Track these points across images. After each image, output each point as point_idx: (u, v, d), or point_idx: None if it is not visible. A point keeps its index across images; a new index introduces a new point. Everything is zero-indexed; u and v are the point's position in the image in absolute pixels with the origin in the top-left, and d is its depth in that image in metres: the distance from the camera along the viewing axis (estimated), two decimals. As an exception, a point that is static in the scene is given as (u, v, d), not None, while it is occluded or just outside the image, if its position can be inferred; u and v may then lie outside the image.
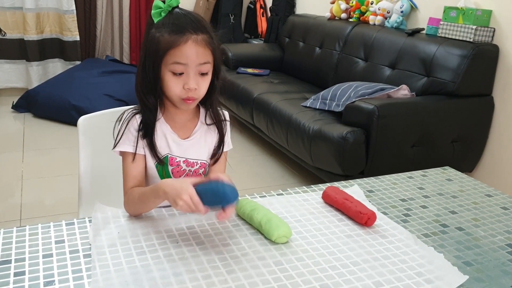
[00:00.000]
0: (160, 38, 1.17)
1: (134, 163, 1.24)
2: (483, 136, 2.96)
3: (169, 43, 1.16)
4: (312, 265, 1.02)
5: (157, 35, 1.17)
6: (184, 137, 1.30)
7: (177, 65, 1.17)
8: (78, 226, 1.13)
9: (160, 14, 1.19)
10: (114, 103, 3.94)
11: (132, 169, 1.24)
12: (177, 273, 0.97)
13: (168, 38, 1.16)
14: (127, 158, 1.25)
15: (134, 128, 1.24)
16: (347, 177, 2.59)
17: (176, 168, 1.29)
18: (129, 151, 1.24)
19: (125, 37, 5.13)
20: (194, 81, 1.18)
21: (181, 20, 1.18)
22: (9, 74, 4.74)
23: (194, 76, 1.18)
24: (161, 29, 1.17)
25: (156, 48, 1.17)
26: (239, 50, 4.45)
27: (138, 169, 1.25)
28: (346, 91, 2.97)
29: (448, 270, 1.03)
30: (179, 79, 1.18)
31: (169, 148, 1.28)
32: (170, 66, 1.17)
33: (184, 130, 1.30)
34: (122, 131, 1.25)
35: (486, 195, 1.43)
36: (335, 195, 1.28)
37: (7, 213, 2.63)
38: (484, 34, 2.86)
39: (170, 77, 1.19)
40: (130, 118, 1.25)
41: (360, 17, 3.80)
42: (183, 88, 1.18)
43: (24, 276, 0.94)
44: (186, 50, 1.16)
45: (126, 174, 1.25)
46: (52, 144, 3.69)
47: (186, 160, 1.30)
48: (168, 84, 1.19)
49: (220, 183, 1.06)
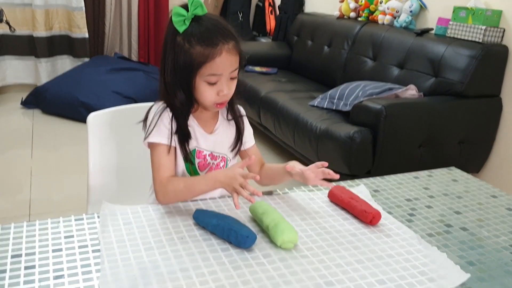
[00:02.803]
0: (192, 51, 1.19)
1: (167, 155, 1.26)
2: (490, 137, 2.96)
3: (204, 57, 1.18)
4: (316, 262, 1.04)
5: (187, 46, 1.19)
6: (209, 131, 1.34)
7: (213, 77, 1.21)
8: (87, 222, 1.15)
9: (184, 22, 1.19)
10: (123, 100, 3.96)
11: (166, 159, 1.26)
12: (184, 269, 0.98)
13: (202, 51, 1.18)
14: (159, 149, 1.26)
15: (167, 121, 1.27)
16: (354, 176, 2.59)
17: (202, 161, 1.33)
18: (163, 143, 1.26)
19: (133, 35, 5.16)
20: (227, 87, 1.23)
21: (211, 30, 1.20)
22: (18, 70, 4.78)
23: (226, 81, 1.23)
24: (190, 40, 1.19)
25: (189, 60, 1.19)
26: (247, 48, 4.42)
27: (172, 160, 1.28)
28: (354, 90, 2.98)
29: (451, 268, 1.04)
30: (213, 87, 1.23)
31: (197, 142, 1.32)
32: (206, 78, 1.21)
33: (208, 126, 1.35)
34: (155, 123, 1.26)
35: (491, 196, 1.44)
36: (341, 194, 1.29)
37: (16, 209, 2.66)
38: (494, 35, 2.85)
39: (204, 86, 1.22)
40: (162, 111, 1.27)
41: (369, 16, 3.80)
42: (217, 94, 1.23)
43: (34, 270, 0.95)
44: (221, 62, 1.19)
45: (159, 165, 1.26)
46: (61, 140, 3.72)
47: (211, 154, 1.34)
48: (203, 93, 1.23)
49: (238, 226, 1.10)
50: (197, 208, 1.19)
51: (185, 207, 1.24)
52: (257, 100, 3.54)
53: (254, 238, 1.07)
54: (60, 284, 0.92)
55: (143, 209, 1.22)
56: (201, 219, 1.14)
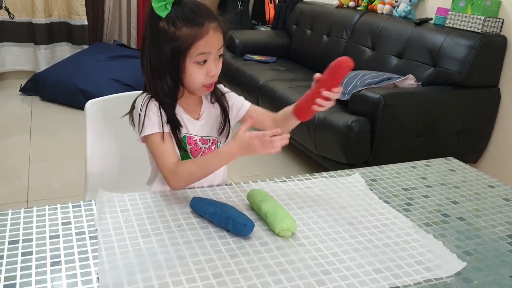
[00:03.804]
0: (179, 34, 1.19)
1: (165, 141, 1.26)
2: (488, 127, 2.96)
3: (192, 37, 1.19)
4: (313, 251, 1.04)
5: (172, 30, 1.19)
6: (196, 117, 1.34)
7: (201, 56, 1.21)
8: (85, 209, 1.15)
9: (165, 7, 1.19)
10: (121, 87, 3.96)
11: (167, 146, 1.26)
12: (181, 256, 0.98)
13: (189, 32, 1.19)
14: (155, 139, 1.26)
15: (154, 111, 1.26)
16: (352, 165, 2.60)
17: (194, 147, 1.34)
18: (158, 131, 1.25)
19: (132, 22, 5.14)
20: (215, 66, 1.24)
21: (195, 11, 1.20)
22: (17, 57, 4.76)
23: (214, 61, 1.24)
24: (175, 23, 1.19)
25: (177, 44, 1.19)
26: (246, 36, 4.44)
27: (172, 145, 1.28)
28: (352, 79, 2.97)
29: (447, 257, 1.05)
30: (203, 67, 1.23)
31: (186, 128, 1.32)
32: (195, 58, 1.21)
33: (194, 112, 1.35)
34: (144, 116, 1.26)
35: (488, 186, 1.44)
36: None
37: (14, 195, 2.67)
38: (493, 25, 2.84)
39: (194, 67, 1.23)
40: (148, 102, 1.27)
41: (368, 6, 3.79)
42: (206, 75, 1.23)
43: (31, 256, 0.96)
44: (209, 40, 1.20)
45: (161, 153, 1.26)
46: (59, 127, 3.71)
47: (202, 138, 1.35)
48: (193, 75, 1.23)
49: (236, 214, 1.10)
50: (194, 196, 1.20)
51: (182, 195, 1.25)
52: (255, 89, 3.53)
53: (252, 226, 1.07)
54: (57, 271, 0.92)
55: (140, 196, 1.22)
56: (198, 207, 1.15)
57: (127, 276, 0.91)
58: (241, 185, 1.33)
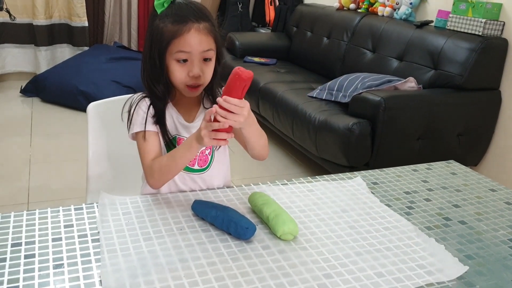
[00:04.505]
0: (164, 29, 1.20)
1: (147, 140, 1.26)
2: (489, 130, 2.97)
3: (173, 33, 1.20)
4: (315, 254, 1.04)
5: (161, 25, 1.21)
6: (189, 121, 1.34)
7: (181, 53, 1.21)
8: (87, 211, 1.15)
9: (163, 5, 1.22)
10: (122, 89, 3.95)
11: (148, 145, 1.27)
12: (183, 259, 0.99)
13: (171, 28, 1.20)
14: (140, 138, 1.28)
15: (143, 110, 1.27)
16: (352, 168, 2.60)
17: None
18: (140, 130, 1.27)
19: (133, 24, 5.14)
20: (198, 68, 1.22)
21: (183, 10, 1.21)
22: (17, 58, 4.77)
23: (198, 62, 1.23)
24: (164, 20, 1.21)
25: (160, 38, 1.21)
26: (246, 38, 4.45)
27: (155, 144, 1.28)
28: (353, 82, 2.97)
29: (449, 261, 1.05)
30: (184, 66, 1.22)
31: (177, 130, 1.32)
32: (175, 55, 1.21)
33: (189, 114, 1.34)
34: (132, 114, 1.28)
35: (490, 189, 1.44)
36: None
37: (15, 197, 2.66)
38: (494, 28, 2.84)
39: (175, 65, 1.22)
40: (138, 101, 1.29)
41: (369, 8, 3.79)
42: (187, 75, 1.22)
43: (34, 259, 0.96)
44: (189, 38, 1.20)
45: (143, 152, 1.27)
46: (60, 129, 3.71)
47: None
48: (174, 72, 1.23)
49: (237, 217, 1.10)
50: (196, 199, 1.20)
51: (184, 197, 1.25)
52: (256, 91, 3.53)
53: (253, 230, 1.07)
54: (60, 273, 0.92)
55: (142, 199, 1.22)
56: (200, 210, 1.15)
57: (129, 279, 0.91)
58: (242, 187, 1.33)
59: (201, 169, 1.34)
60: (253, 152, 1.32)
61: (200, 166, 1.34)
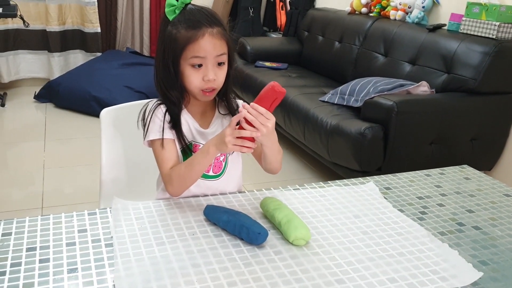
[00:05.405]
0: (177, 35, 1.21)
1: (165, 148, 1.27)
2: (503, 134, 2.94)
3: (187, 38, 1.20)
4: (327, 260, 1.04)
5: (174, 31, 1.22)
6: (205, 127, 1.34)
7: (196, 59, 1.22)
8: (100, 216, 1.16)
9: (174, 11, 1.23)
10: (134, 95, 3.98)
11: (166, 153, 1.27)
12: (196, 264, 0.99)
13: (185, 34, 1.20)
14: (157, 145, 1.28)
15: (159, 117, 1.28)
16: (365, 173, 2.59)
17: None
18: (157, 138, 1.27)
19: (145, 29, 5.17)
20: (213, 72, 1.23)
21: (196, 15, 1.22)
22: (31, 64, 4.83)
23: (212, 67, 1.23)
24: (177, 26, 1.22)
25: (174, 45, 1.22)
26: (257, 43, 4.45)
27: (172, 151, 1.28)
28: (365, 86, 2.97)
29: (463, 267, 1.04)
30: (199, 71, 1.23)
31: (192, 136, 1.32)
32: (190, 60, 1.22)
33: (204, 120, 1.35)
34: (148, 122, 1.28)
35: (504, 194, 1.43)
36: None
37: (29, 201, 2.69)
38: (508, 31, 2.82)
39: (189, 70, 1.23)
40: (155, 108, 1.29)
41: (381, 12, 3.78)
42: (202, 79, 1.23)
43: (48, 263, 0.97)
44: (204, 43, 1.20)
45: (161, 160, 1.28)
46: (73, 134, 3.74)
47: None
48: (189, 78, 1.24)
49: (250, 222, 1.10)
50: (207, 204, 1.20)
51: (196, 203, 1.25)
52: (268, 96, 3.53)
53: (265, 235, 1.07)
54: (74, 278, 0.93)
55: (154, 204, 1.23)
56: (212, 215, 1.15)
57: (142, 284, 0.92)
58: (254, 192, 1.34)
59: (216, 175, 1.35)
60: (269, 167, 1.34)
61: (215, 173, 1.34)
